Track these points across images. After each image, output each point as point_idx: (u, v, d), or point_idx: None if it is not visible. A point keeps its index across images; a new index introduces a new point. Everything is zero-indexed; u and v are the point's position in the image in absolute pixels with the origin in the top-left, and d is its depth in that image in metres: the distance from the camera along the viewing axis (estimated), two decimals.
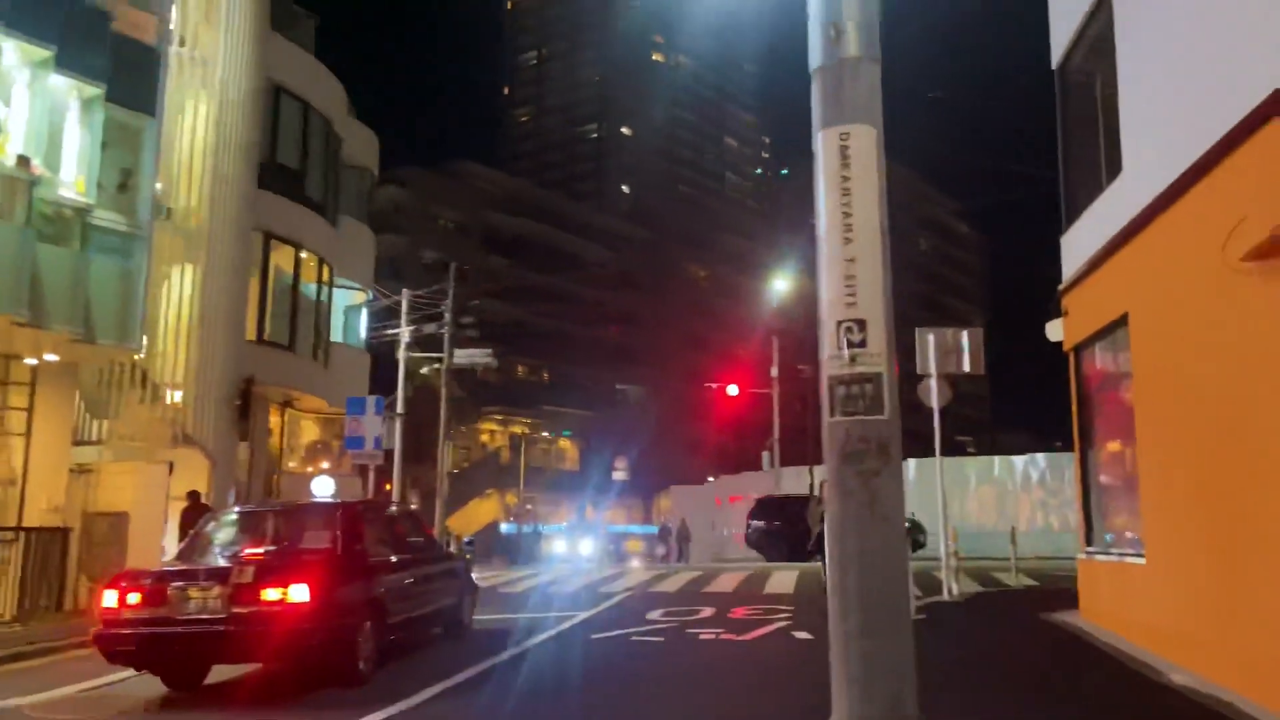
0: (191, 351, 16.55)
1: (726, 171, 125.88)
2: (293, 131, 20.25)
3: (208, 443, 16.61)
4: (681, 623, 12.06)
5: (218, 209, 17.08)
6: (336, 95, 22.22)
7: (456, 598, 10.90)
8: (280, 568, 7.93)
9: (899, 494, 4.65)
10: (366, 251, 25.45)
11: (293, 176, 20.24)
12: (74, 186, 12.76)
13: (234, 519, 9.51)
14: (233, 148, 17.46)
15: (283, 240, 19.86)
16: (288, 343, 20.02)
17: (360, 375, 24.58)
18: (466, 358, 27.60)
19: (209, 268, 16.86)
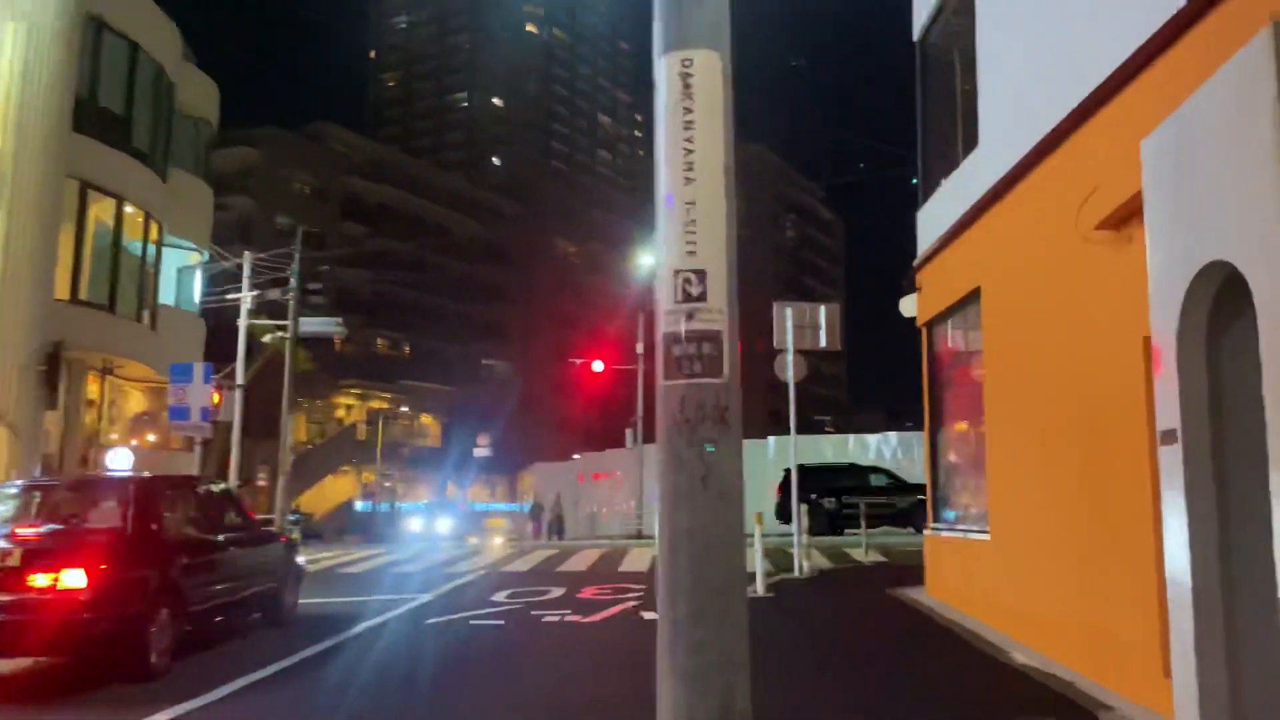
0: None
1: (599, 149, 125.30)
2: (117, 72, 18.44)
3: (8, 412, 14.95)
4: (527, 604, 11.48)
5: (22, 149, 15.33)
6: (170, 37, 20.40)
7: (276, 581, 9.97)
8: (54, 550, 6.92)
9: (737, 467, 4.17)
10: (203, 208, 23.62)
11: (116, 122, 18.45)
12: None
13: (12, 494, 8.34)
14: (42, 83, 15.69)
15: (102, 191, 18.08)
16: (107, 303, 18.29)
17: (194, 342, 22.87)
18: (314, 327, 26.10)
19: (11, 216, 15.13)
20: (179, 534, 8.26)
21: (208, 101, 23.51)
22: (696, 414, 4.09)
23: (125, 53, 18.55)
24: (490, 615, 10.65)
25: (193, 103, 22.20)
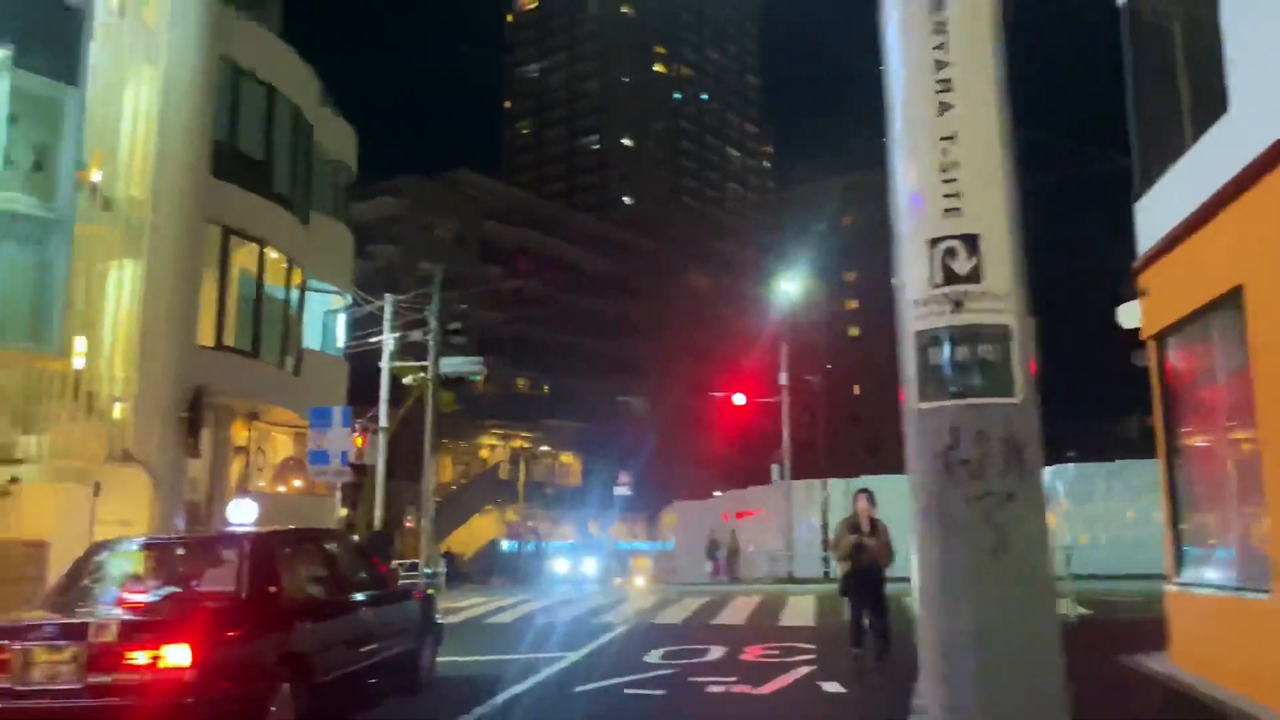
0: (134, 357, 14.72)
1: (729, 182, 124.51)
2: (256, 117, 18.47)
3: (151, 460, 14.77)
4: (685, 668, 10.15)
5: (164, 198, 15.29)
6: (306, 81, 20.45)
7: (412, 643, 8.99)
8: (155, 622, 6.05)
9: (1041, 531, 2.81)
10: (344, 252, 23.61)
11: (256, 166, 18.45)
12: None
13: (125, 553, 7.62)
14: (181, 131, 15.69)
15: (244, 236, 18.03)
16: (250, 349, 18.16)
17: (337, 385, 22.74)
18: (454, 367, 25.73)
19: (153, 264, 15.06)
20: (302, 596, 7.34)
21: (346, 146, 23.60)
22: (976, 451, 2.73)
23: (263, 97, 18.58)
24: (646, 682, 9.37)
25: (331, 147, 22.25)
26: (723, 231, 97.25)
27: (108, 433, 14.43)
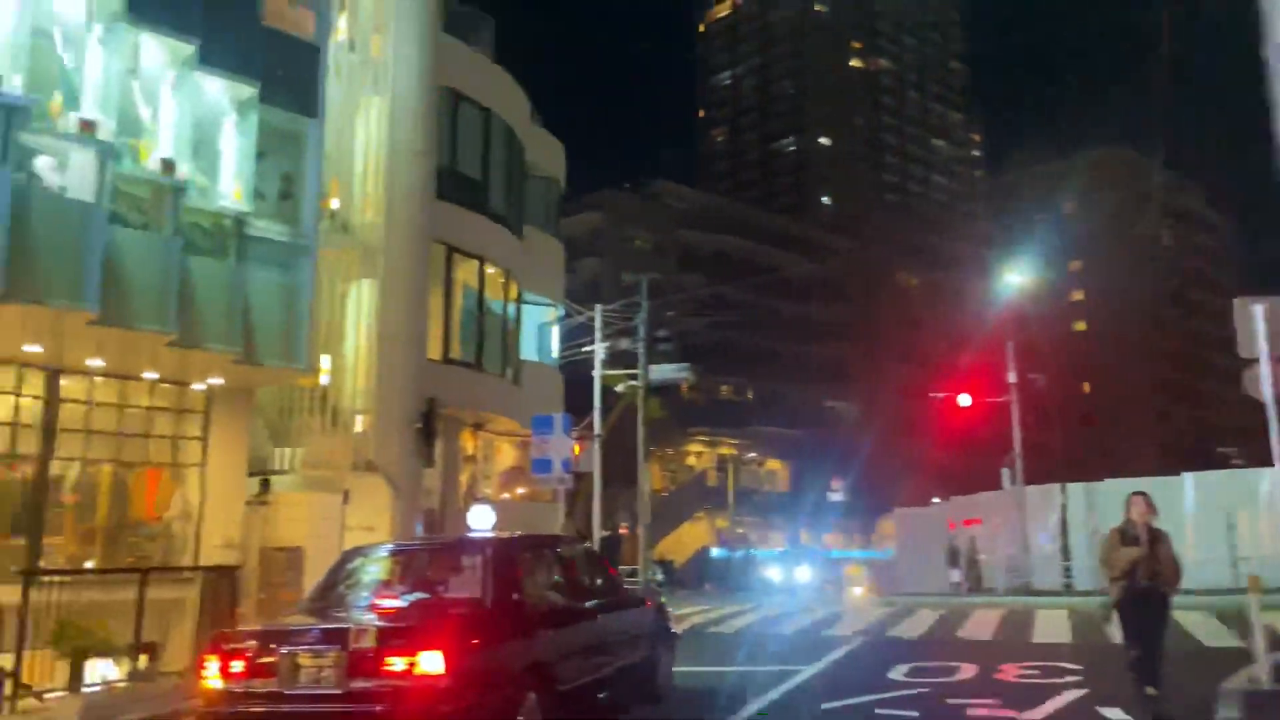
0: (372, 372, 15.49)
1: (933, 174, 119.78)
2: (473, 139, 19.16)
3: (390, 469, 15.46)
4: (937, 687, 9.41)
5: (395, 221, 16.03)
6: (518, 102, 21.06)
7: (649, 652, 8.79)
8: (409, 629, 6.08)
9: None
10: (556, 265, 24.17)
11: (474, 186, 19.12)
12: (232, 195, 11.79)
13: (375, 559, 7.81)
14: (408, 156, 16.40)
15: (465, 253, 18.72)
16: (475, 361, 18.82)
17: (554, 394, 23.24)
18: (664, 373, 25.80)
19: (387, 283, 15.80)
20: (543, 602, 7.26)
21: (555, 161, 24.18)
22: None
23: (479, 119, 19.26)
24: (898, 702, 8.73)
25: (541, 163, 22.84)
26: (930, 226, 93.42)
27: (352, 444, 15.23)
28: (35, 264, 9.12)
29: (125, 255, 10.14)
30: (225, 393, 13.61)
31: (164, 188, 10.74)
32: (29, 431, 11.94)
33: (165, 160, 10.73)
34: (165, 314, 10.48)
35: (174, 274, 10.58)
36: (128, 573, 11.13)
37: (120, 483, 12.85)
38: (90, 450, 12.61)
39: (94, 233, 9.61)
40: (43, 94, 9.70)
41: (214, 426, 13.58)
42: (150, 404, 13.15)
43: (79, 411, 12.49)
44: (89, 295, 9.54)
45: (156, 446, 13.20)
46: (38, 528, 11.87)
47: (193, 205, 11.09)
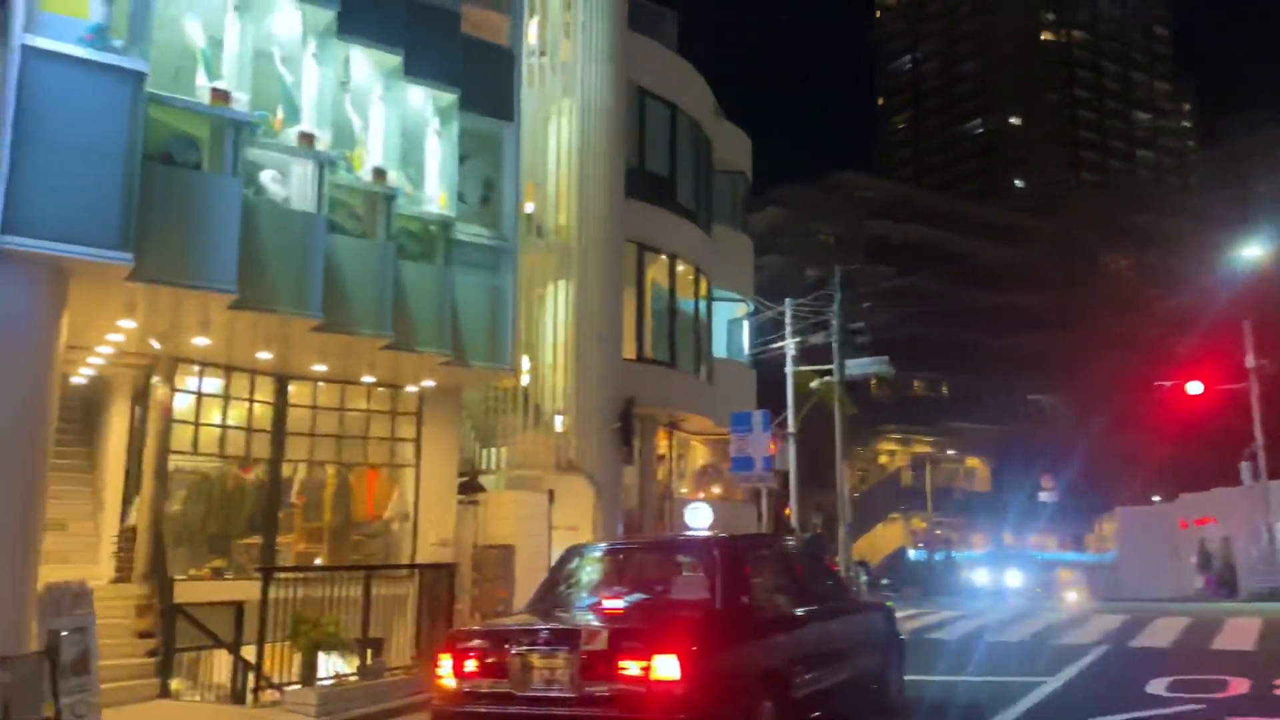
0: (571, 372, 15.58)
1: (1138, 148, 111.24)
2: (660, 136, 19.02)
3: (591, 468, 15.48)
4: (1212, 704, 8.32)
5: (588, 222, 16.08)
6: (703, 95, 20.78)
7: (879, 658, 8.20)
8: (642, 631, 5.79)
9: None
10: (744, 260, 23.73)
11: (662, 183, 18.97)
12: (437, 201, 12.04)
13: (595, 558, 7.60)
14: (599, 157, 16.44)
15: (656, 251, 18.60)
16: (668, 359, 18.65)
17: (746, 392, 22.80)
18: (860, 368, 24.81)
19: (582, 284, 15.86)
20: (772, 605, 6.84)
21: (741, 154, 23.77)
22: None
23: (665, 115, 19.10)
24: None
25: (727, 157, 22.47)
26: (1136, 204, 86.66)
27: (553, 443, 15.35)
28: (264, 273, 9.51)
29: (343, 263, 10.47)
30: (435, 395, 13.96)
31: (376, 195, 11.06)
32: (262, 436, 12.62)
33: (377, 168, 11.04)
34: (382, 318, 10.76)
35: (389, 279, 10.86)
36: (354, 570, 11.53)
37: (343, 483, 13.40)
38: (315, 453, 13.21)
39: (316, 241, 9.96)
40: (266, 109, 10.15)
41: (426, 428, 13.97)
42: (367, 407, 13.66)
43: (304, 416, 13.10)
44: (313, 303, 9.89)
45: (374, 448, 13.70)
46: (272, 527, 12.51)
47: (400, 211, 11.37)
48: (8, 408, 7.57)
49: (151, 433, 11.52)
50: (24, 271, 7.82)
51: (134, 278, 8.42)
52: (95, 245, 7.89)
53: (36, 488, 7.90)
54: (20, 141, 7.63)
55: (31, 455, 7.86)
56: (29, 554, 7.80)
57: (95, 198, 7.93)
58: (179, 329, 10.32)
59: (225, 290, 8.94)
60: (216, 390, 12.20)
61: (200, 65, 9.45)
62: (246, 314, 9.64)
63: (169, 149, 9.04)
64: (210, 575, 11.85)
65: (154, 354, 11.61)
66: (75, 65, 7.95)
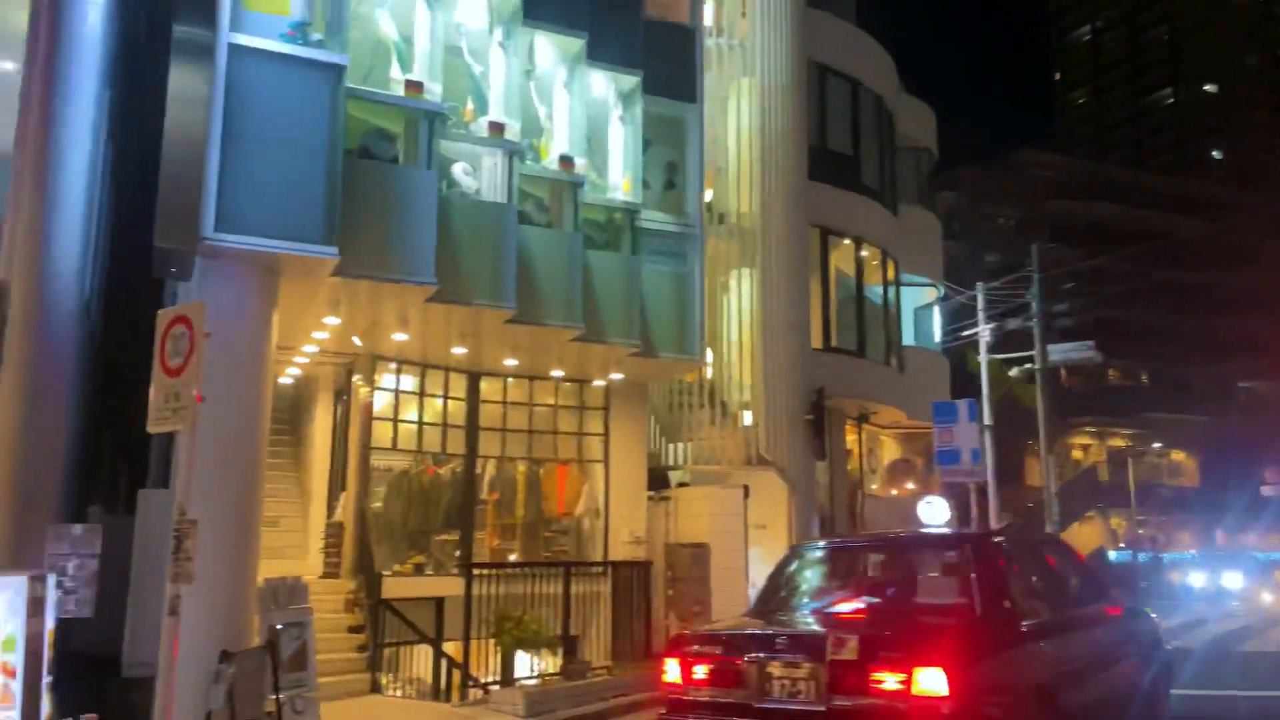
0: (757, 364, 14.94)
1: None
2: (841, 113, 18.12)
3: (783, 463, 14.80)
4: None
5: (771, 206, 15.41)
6: (884, 68, 19.70)
7: (1146, 670, 7.17)
8: (898, 639, 5.12)
9: None
10: (932, 241, 22.40)
11: (845, 163, 18.06)
12: (621, 187, 11.70)
13: (824, 557, 6.95)
14: (781, 138, 15.73)
15: (840, 235, 17.70)
16: (856, 348, 17.71)
17: (939, 382, 21.50)
18: (1064, 354, 23.01)
19: (767, 270, 15.20)
20: (1033, 610, 6.01)
21: (925, 129, 22.48)
22: None
23: (847, 91, 18.19)
24: None
25: (910, 133, 21.27)
26: None
27: (741, 438, 14.77)
28: (459, 266, 9.38)
29: (532, 253, 10.26)
30: (622, 389, 13.66)
31: (563, 184, 10.80)
32: (456, 432, 12.63)
33: (563, 156, 10.78)
34: (572, 309, 10.49)
35: (578, 269, 10.58)
36: (553, 566, 11.35)
37: (533, 479, 13.27)
38: (506, 449, 13.15)
39: (508, 232, 9.77)
40: (456, 101, 10.04)
41: (613, 423, 13.69)
42: (555, 402, 13.50)
43: (495, 412, 13.06)
44: (507, 294, 9.70)
45: (563, 443, 13.53)
46: (469, 523, 12.50)
47: (585, 200, 11.07)
48: (228, 406, 7.65)
49: (354, 430, 11.70)
50: (237, 270, 7.92)
51: (338, 273, 8.42)
52: (303, 240, 7.91)
53: (255, 484, 7.98)
54: (230, 139, 7.72)
55: (251, 453, 7.95)
56: (250, 549, 7.88)
57: (301, 193, 7.95)
58: (379, 325, 10.37)
59: (425, 283, 8.85)
60: (412, 387, 12.29)
61: (394, 58, 9.41)
62: (443, 307, 9.55)
63: (365, 143, 9.03)
64: (411, 571, 11.92)
65: (354, 352, 11.79)
66: (278, 61, 8.00)
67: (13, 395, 6.46)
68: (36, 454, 6.57)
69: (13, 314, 6.71)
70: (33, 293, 6.78)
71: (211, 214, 7.56)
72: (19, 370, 6.51)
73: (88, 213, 7.45)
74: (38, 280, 6.83)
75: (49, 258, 6.90)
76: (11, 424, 6.41)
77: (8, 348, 6.60)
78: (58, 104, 7.12)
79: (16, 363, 6.52)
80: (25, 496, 6.40)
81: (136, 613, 7.28)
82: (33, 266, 6.82)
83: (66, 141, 7.09)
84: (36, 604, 6.41)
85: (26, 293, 6.74)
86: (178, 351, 5.11)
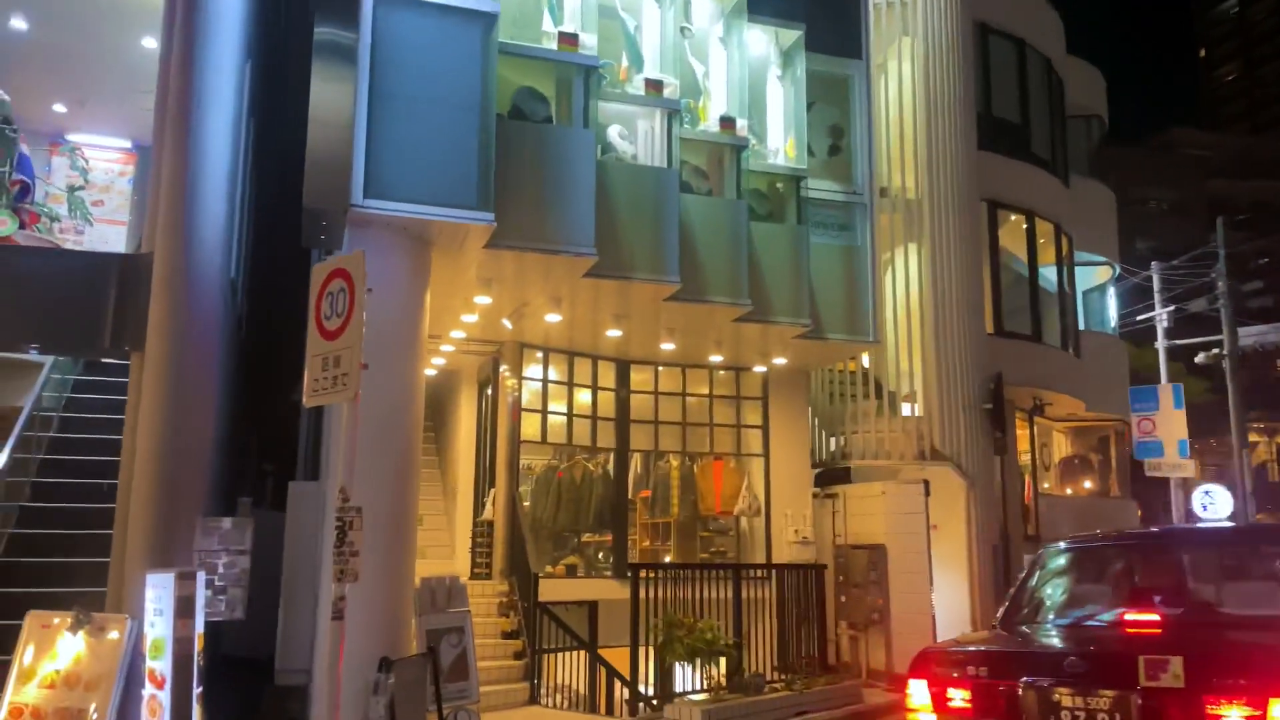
0: (927, 348, 13.63)
1: None
2: (1007, 77, 16.56)
3: (959, 457, 13.45)
4: None
5: (938, 175, 14.08)
6: (1051, 27, 18.00)
7: None
8: (1241, 661, 3.93)
9: None
10: (1106, 216, 20.44)
11: (1013, 130, 16.50)
12: (783, 152, 10.66)
13: (1087, 557, 5.71)
14: (946, 103, 14.39)
15: (1011, 208, 16.14)
16: (1030, 332, 16.11)
17: (1116, 370, 19.56)
18: (1257, 336, 20.73)
19: (937, 247, 13.88)
20: None
21: (1094, 94, 20.59)
22: None
23: (1013, 53, 16.63)
24: None
25: (1080, 99, 19.46)
26: None
27: (908, 430, 13.49)
28: (617, 236, 8.53)
29: (693, 223, 9.33)
30: (781, 377, 12.62)
31: (724, 147, 9.85)
32: (606, 425, 11.82)
33: (724, 117, 9.82)
34: (738, 285, 9.52)
35: (743, 240, 9.59)
36: (719, 569, 10.39)
37: (687, 475, 12.35)
38: (660, 443, 12.27)
39: (670, 200, 8.87)
40: (611, 58, 9.21)
41: (773, 413, 12.66)
42: (711, 392, 12.55)
43: (646, 403, 12.20)
44: (669, 267, 8.80)
45: (720, 436, 12.56)
46: (622, 522, 11.68)
47: (744, 167, 10.07)
48: (382, 389, 6.97)
49: (502, 423, 11.00)
50: (388, 241, 7.24)
51: (493, 244, 7.67)
52: (456, 206, 7.17)
53: (412, 475, 7.28)
54: (377, 98, 7.06)
55: (406, 440, 7.26)
56: (408, 546, 7.19)
57: (454, 155, 7.23)
58: (529, 307, 9.62)
59: (584, 254, 8.02)
60: (560, 377, 11.54)
61: (544, 9, 8.62)
62: (596, 284, 8.71)
63: (516, 103, 8.28)
64: (564, 573, 11.16)
65: (500, 341, 11.12)
66: (427, 11, 7.31)
67: (155, 379, 5.90)
68: (182, 444, 5.99)
69: (155, 292, 6.16)
70: (176, 271, 6.22)
71: (360, 180, 6.89)
72: (163, 351, 5.94)
73: (231, 187, 6.91)
74: (180, 257, 6.27)
75: (192, 234, 6.34)
76: (154, 410, 5.83)
77: (151, 328, 6.05)
78: (196, 75, 6.57)
79: (160, 344, 5.95)
80: (170, 490, 5.81)
81: (289, 615, 6.64)
82: (176, 242, 6.26)
83: (207, 112, 6.54)
84: (186, 604, 5.81)
85: (169, 270, 6.18)
86: (335, 311, 4.36)
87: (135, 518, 5.73)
